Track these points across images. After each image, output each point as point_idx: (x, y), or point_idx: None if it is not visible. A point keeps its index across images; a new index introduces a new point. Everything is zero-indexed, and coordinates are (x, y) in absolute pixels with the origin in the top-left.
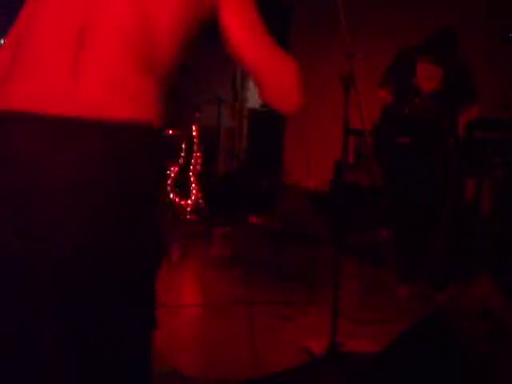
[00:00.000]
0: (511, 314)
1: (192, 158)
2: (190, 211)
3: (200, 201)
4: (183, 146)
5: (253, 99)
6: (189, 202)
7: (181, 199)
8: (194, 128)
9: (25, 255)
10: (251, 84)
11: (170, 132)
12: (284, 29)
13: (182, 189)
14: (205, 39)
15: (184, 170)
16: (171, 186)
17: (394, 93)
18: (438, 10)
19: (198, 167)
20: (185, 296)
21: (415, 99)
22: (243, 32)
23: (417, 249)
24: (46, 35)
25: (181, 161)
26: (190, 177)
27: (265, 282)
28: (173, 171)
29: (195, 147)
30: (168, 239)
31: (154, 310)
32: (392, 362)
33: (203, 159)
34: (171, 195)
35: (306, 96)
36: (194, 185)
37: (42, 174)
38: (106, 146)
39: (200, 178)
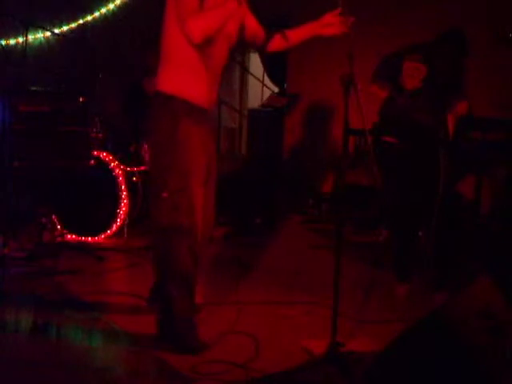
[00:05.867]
0: (511, 314)
1: None
2: None
3: None
4: None
5: (253, 99)
6: None
7: None
8: None
9: None
10: (251, 84)
11: None
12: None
13: None
14: None
15: None
16: None
17: (388, 89)
18: (439, 11)
19: None
20: None
21: (398, 99)
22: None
23: (413, 248)
24: None
25: None
26: None
27: (265, 282)
28: None
29: None
30: None
31: None
32: (392, 361)
33: None
34: None
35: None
36: None
37: None
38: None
39: None
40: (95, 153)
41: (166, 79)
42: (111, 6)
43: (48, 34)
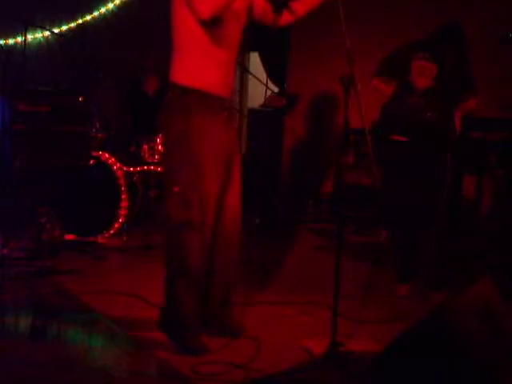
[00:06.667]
0: (511, 314)
1: None
2: None
3: None
4: None
5: (253, 99)
6: None
7: None
8: None
9: None
10: (251, 84)
11: None
12: (284, 36)
13: None
14: None
15: None
16: None
17: (392, 85)
18: (438, 11)
19: None
20: None
21: (409, 98)
22: None
23: (414, 248)
24: None
25: None
26: None
27: (265, 282)
28: None
29: None
30: None
31: None
32: (392, 361)
33: None
34: None
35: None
36: None
37: None
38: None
39: None
40: (95, 153)
41: (180, 69)
42: (111, 6)
43: (47, 33)
